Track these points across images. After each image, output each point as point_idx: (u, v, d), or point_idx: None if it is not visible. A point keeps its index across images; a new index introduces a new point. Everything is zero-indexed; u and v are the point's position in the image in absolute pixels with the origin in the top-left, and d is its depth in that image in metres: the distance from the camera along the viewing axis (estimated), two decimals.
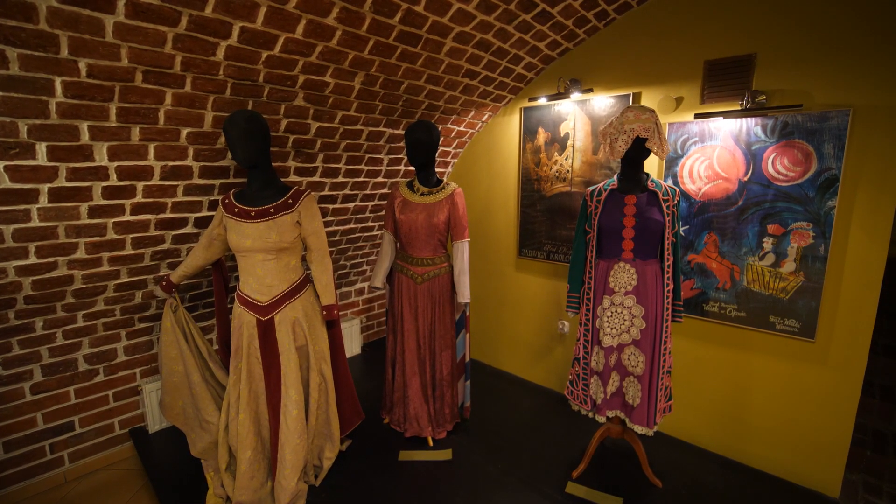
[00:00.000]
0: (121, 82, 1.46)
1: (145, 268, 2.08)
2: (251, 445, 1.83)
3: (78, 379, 2.20)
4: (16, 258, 1.68)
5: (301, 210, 1.83)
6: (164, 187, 1.85)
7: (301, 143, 2.15)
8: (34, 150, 1.48)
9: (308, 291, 1.93)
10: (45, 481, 2.17)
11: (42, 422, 2.13)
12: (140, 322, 2.30)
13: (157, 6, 1.29)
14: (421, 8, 1.70)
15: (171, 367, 1.97)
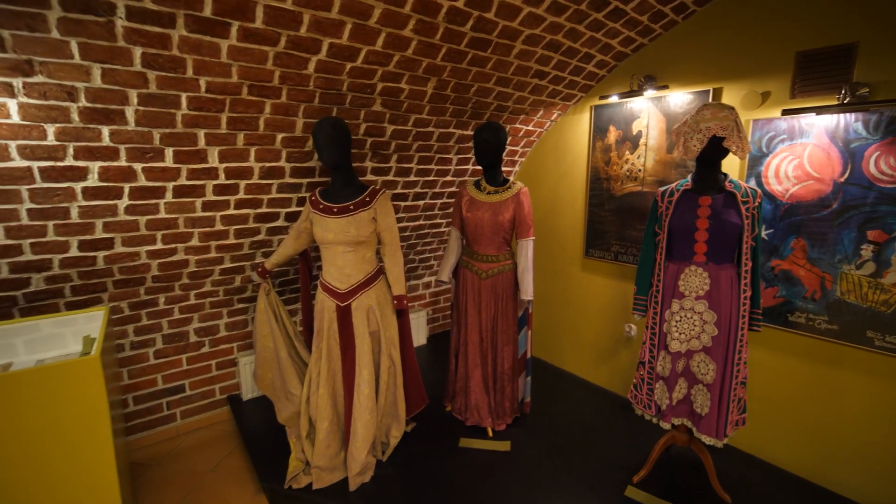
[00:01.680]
0: (231, 95, 1.70)
1: (244, 255, 2.38)
2: (328, 417, 2.04)
3: (189, 349, 2.57)
4: (147, 244, 2.02)
5: (377, 207, 2.00)
6: (261, 185, 2.12)
7: (377, 144, 2.32)
8: (164, 154, 1.77)
9: (381, 282, 2.10)
10: (161, 433, 2.57)
11: (161, 382, 2.52)
12: (238, 303, 2.63)
13: (262, 30, 1.50)
14: (491, 14, 1.77)
15: (264, 344, 2.25)
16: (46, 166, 1.58)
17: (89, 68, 1.40)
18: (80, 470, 1.42)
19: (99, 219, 1.82)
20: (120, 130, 1.61)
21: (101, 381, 1.40)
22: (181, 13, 1.35)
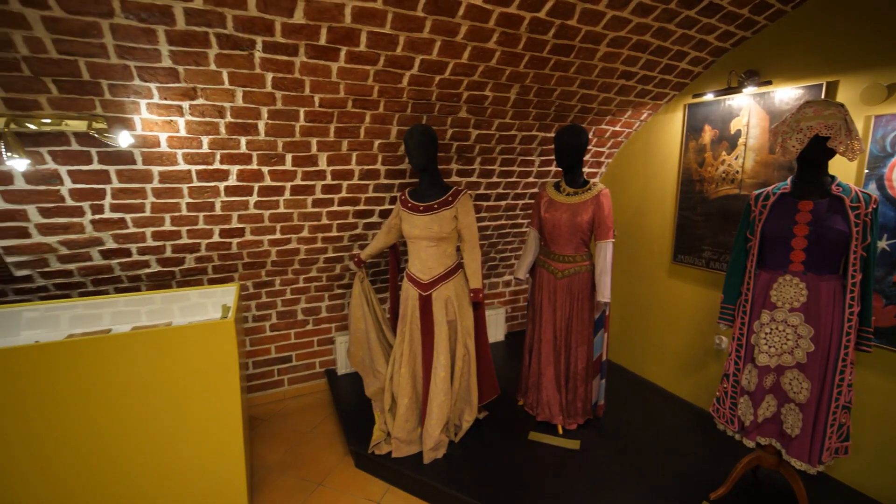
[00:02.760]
0: (338, 109, 1.99)
1: (344, 247, 2.71)
2: (408, 395, 2.27)
3: (296, 325, 2.99)
4: (269, 234, 2.42)
5: (458, 206, 2.17)
6: (360, 185, 2.40)
7: (462, 148, 2.49)
8: (284, 159, 2.12)
9: (459, 275, 2.26)
10: (271, 395, 3.02)
11: (274, 352, 2.97)
12: (337, 288, 2.99)
13: (365, 52, 1.74)
14: (574, 21, 1.83)
15: (357, 325, 2.54)
16: (201, 169, 2.00)
17: (234, 91, 1.76)
18: (213, 412, 1.79)
19: (235, 212, 2.23)
20: (253, 140, 1.97)
21: (234, 341, 1.75)
22: (302, 43, 1.63)
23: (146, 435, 1.69)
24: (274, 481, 2.24)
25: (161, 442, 1.72)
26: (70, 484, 1.61)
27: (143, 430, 1.69)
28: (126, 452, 1.67)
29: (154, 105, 1.70)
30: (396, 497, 2.15)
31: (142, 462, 1.70)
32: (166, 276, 2.40)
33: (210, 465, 1.80)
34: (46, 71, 1.48)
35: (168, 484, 1.76)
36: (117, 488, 1.68)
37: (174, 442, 1.74)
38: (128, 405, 1.65)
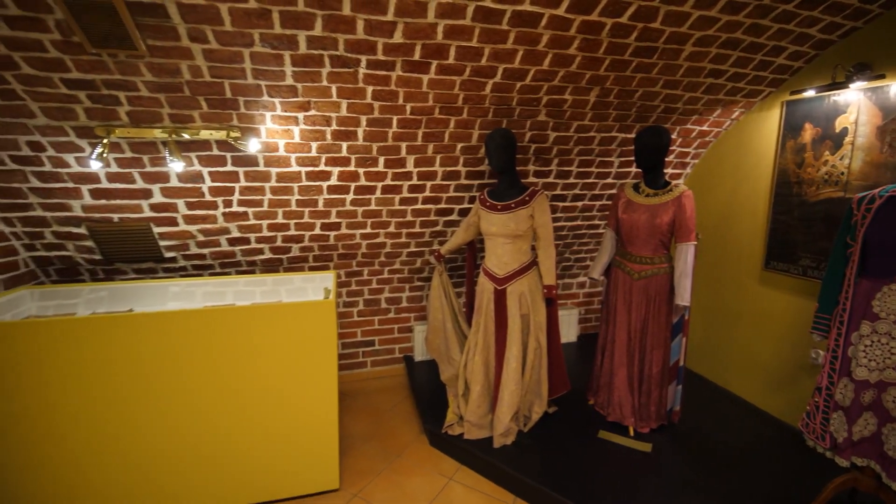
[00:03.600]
0: (426, 116, 2.19)
1: (425, 242, 2.93)
2: (480, 382, 2.41)
3: (380, 313, 3.27)
4: (361, 228, 2.71)
5: (534, 206, 2.27)
6: (442, 185, 2.60)
7: (540, 150, 2.58)
8: (377, 161, 2.37)
9: (533, 272, 2.36)
10: (356, 374, 3.34)
11: (360, 336, 3.28)
12: (417, 281, 3.22)
13: (453, 64, 1.92)
14: (657, 24, 1.85)
15: (435, 315, 2.74)
16: (309, 170, 2.31)
17: (340, 103, 2.03)
18: (314, 380, 2.06)
19: (334, 208, 2.54)
20: (353, 145, 2.24)
21: (334, 319, 2.02)
22: (399, 59, 1.85)
23: (257, 396, 2.01)
24: (359, 448, 2.51)
25: (269, 403, 2.03)
26: (191, 429, 1.97)
27: (255, 392, 2.01)
28: (239, 410, 2.00)
29: (276, 116, 2.02)
30: (466, 475, 2.30)
31: (252, 419, 2.03)
32: (276, 263, 2.79)
33: (309, 425, 2.09)
34: (201, 91, 1.84)
35: (272, 440, 2.07)
36: (229, 439, 2.02)
37: (280, 404, 2.04)
38: (243, 368, 1.97)
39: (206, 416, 1.95)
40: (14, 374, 1.71)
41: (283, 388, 2.02)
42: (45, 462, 1.82)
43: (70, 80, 1.68)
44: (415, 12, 1.64)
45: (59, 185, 2.09)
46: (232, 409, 1.98)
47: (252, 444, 2.03)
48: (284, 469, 2.09)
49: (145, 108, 1.86)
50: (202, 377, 1.92)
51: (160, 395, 1.88)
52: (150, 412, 1.88)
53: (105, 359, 1.79)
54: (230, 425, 1.99)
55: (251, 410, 2.00)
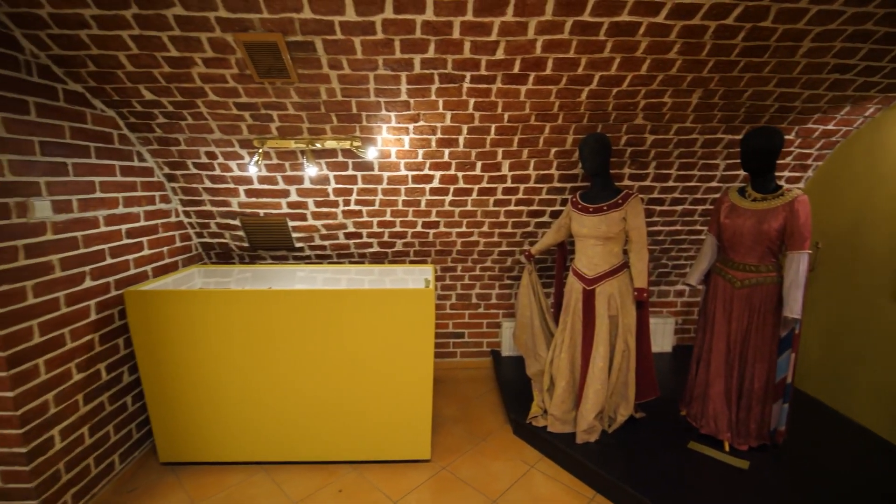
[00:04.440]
0: (522, 123, 2.34)
1: (516, 242, 3.07)
2: (566, 378, 2.49)
3: (470, 307, 3.49)
4: (457, 227, 2.94)
5: (627, 209, 2.30)
6: (535, 188, 2.73)
7: (637, 153, 2.58)
8: (475, 165, 2.58)
9: (624, 274, 2.38)
10: (446, 363, 3.59)
11: (451, 327, 3.53)
12: (507, 279, 3.38)
13: (550, 75, 2.05)
14: (768, 22, 1.80)
15: (523, 312, 2.88)
16: (414, 174, 2.60)
17: (445, 114, 2.27)
18: (412, 361, 2.32)
19: (434, 208, 2.80)
20: (454, 151, 2.48)
21: (432, 306, 2.26)
22: (500, 73, 2.03)
23: (364, 368, 2.32)
24: (448, 428, 2.74)
25: (373, 376, 2.33)
26: (310, 389, 2.34)
27: (362, 364, 2.32)
28: (349, 378, 2.33)
29: (391, 128, 2.33)
30: (548, 466, 2.40)
31: (359, 388, 2.34)
32: (382, 255, 3.14)
33: (407, 400, 2.36)
34: (333, 108, 2.20)
35: (375, 409, 2.36)
36: (340, 403, 2.35)
37: (383, 377, 2.33)
38: (354, 343, 2.29)
39: (322, 380, 2.31)
40: (186, 329, 2.22)
41: (386, 364, 2.31)
42: (202, 398, 2.32)
43: (240, 103, 2.14)
44: (516, 31, 1.81)
45: (223, 186, 2.62)
46: (343, 377, 2.32)
47: (358, 409, 2.36)
48: (384, 435, 2.39)
49: (290, 123, 2.28)
50: (320, 347, 2.28)
51: (288, 358, 2.28)
52: (280, 371, 2.29)
53: (249, 324, 2.23)
54: (341, 391, 2.33)
55: (359, 380, 2.33)
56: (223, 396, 2.31)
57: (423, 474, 2.35)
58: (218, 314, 2.21)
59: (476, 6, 1.69)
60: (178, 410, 2.33)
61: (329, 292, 2.24)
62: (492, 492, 2.22)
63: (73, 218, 1.98)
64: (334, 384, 2.32)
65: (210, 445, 2.38)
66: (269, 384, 2.30)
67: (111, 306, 2.21)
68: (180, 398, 2.31)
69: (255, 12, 1.68)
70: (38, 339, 1.82)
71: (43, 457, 1.84)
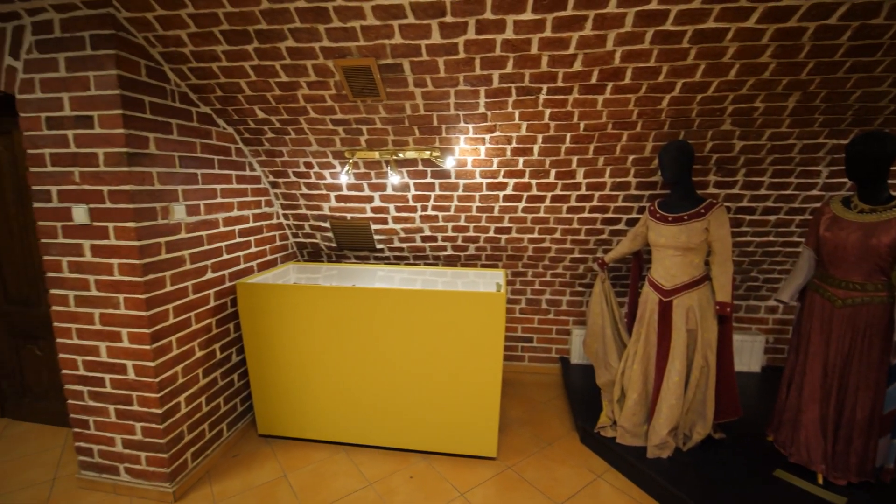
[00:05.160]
0: (598, 131, 2.35)
1: (589, 249, 3.05)
2: (637, 391, 2.45)
3: (540, 312, 3.51)
4: (529, 233, 2.99)
5: (710, 219, 2.21)
6: (610, 196, 2.70)
7: (723, 160, 2.46)
8: (549, 173, 2.62)
9: (705, 287, 2.29)
10: (513, 366, 3.64)
11: (520, 331, 3.58)
12: (579, 286, 3.35)
13: (628, 84, 2.04)
14: (880, 20, 1.65)
15: (594, 320, 2.85)
16: (489, 182, 2.70)
17: (520, 125, 2.35)
18: (483, 361, 2.42)
19: (506, 214, 2.88)
20: (528, 159, 2.55)
21: (503, 311, 2.35)
22: (577, 84, 2.07)
23: (436, 364, 2.47)
24: (514, 430, 2.81)
25: (445, 372, 2.46)
26: (386, 380, 2.53)
27: (435, 360, 2.46)
28: (421, 373, 2.48)
29: (468, 138, 2.46)
30: (616, 478, 2.37)
31: (431, 382, 2.49)
32: (455, 259, 3.28)
33: (475, 398, 2.46)
34: (416, 122, 2.38)
35: (445, 404, 2.50)
36: (413, 395, 2.52)
37: (453, 374, 2.46)
38: (427, 340, 2.44)
39: (397, 372, 2.50)
40: (282, 318, 2.52)
41: (457, 362, 2.44)
42: (294, 380, 2.60)
43: (335, 119, 2.39)
44: (594, 44, 1.84)
45: (317, 192, 2.92)
46: (416, 371, 2.48)
47: (430, 403, 2.51)
48: (453, 430, 2.52)
49: (378, 136, 2.49)
50: (396, 342, 2.46)
51: (367, 349, 2.49)
52: (360, 361, 2.51)
53: (334, 316, 2.47)
54: (414, 384, 2.50)
55: (430, 375, 2.48)
56: (311, 380, 2.59)
57: (489, 471, 2.44)
58: (308, 307, 2.48)
59: (555, 23, 1.75)
60: (275, 389, 2.64)
61: (406, 292, 2.41)
62: (556, 495, 2.25)
63: (201, 220, 2.35)
64: (408, 377, 2.50)
65: (300, 423, 2.67)
66: (351, 372, 2.54)
67: (225, 295, 2.57)
68: (277, 379, 2.62)
69: (353, 41, 1.89)
70: (172, 320, 2.19)
71: (172, 419, 2.21)
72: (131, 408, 2.17)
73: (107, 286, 2.05)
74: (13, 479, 2.38)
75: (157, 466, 2.20)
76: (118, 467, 2.26)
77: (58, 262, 2.09)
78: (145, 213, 2.01)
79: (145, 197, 2.01)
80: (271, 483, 2.35)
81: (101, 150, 1.93)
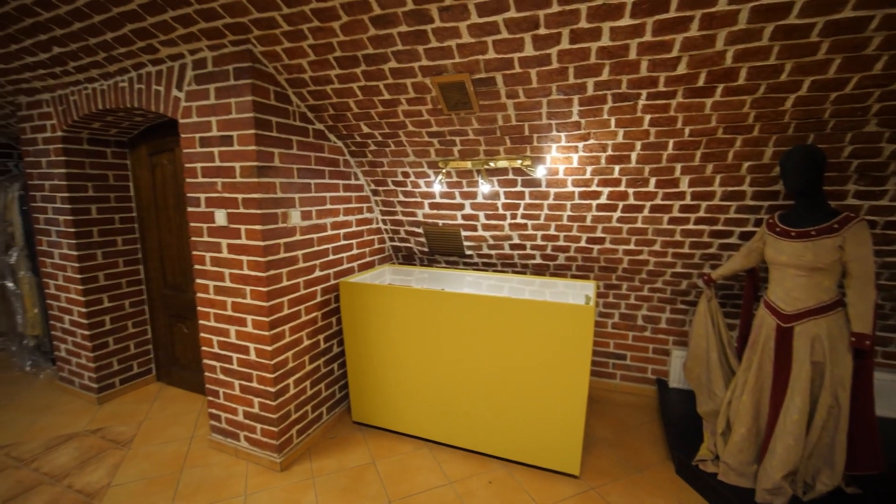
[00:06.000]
0: (707, 136, 2.16)
1: (693, 264, 2.80)
2: (747, 425, 2.19)
3: (635, 329, 3.30)
4: (624, 244, 2.84)
5: (846, 235, 1.90)
6: (721, 206, 2.46)
7: (867, 167, 2.10)
8: (648, 182, 2.47)
9: (838, 314, 1.97)
10: (603, 383, 3.47)
11: (612, 347, 3.40)
12: (681, 303, 3.09)
13: (743, 85, 1.86)
14: None
15: (697, 342, 2.61)
16: (581, 190, 2.63)
17: (617, 132, 2.26)
18: (568, 374, 2.36)
19: (600, 224, 2.78)
20: (625, 167, 2.43)
21: (591, 324, 2.27)
22: (681, 88, 1.94)
23: (520, 372, 2.46)
24: (600, 450, 2.68)
25: (529, 381, 2.45)
26: (471, 382, 2.57)
27: (519, 368, 2.46)
28: (505, 379, 2.49)
29: (560, 147, 2.42)
30: None
31: (514, 389, 2.48)
32: (543, 268, 3.24)
33: (559, 411, 2.41)
34: (507, 132, 2.41)
35: (528, 414, 2.48)
36: (496, 400, 2.53)
37: (537, 384, 2.43)
38: (512, 347, 2.45)
39: (481, 377, 2.54)
40: (378, 316, 2.71)
41: (542, 373, 2.41)
42: (386, 374, 2.79)
43: (431, 132, 2.53)
44: (701, 45, 1.71)
45: (412, 200, 3.10)
46: (500, 377, 2.50)
47: (512, 411, 2.51)
48: (534, 441, 2.49)
49: (469, 147, 2.58)
50: (481, 346, 2.51)
51: (453, 351, 2.58)
52: (446, 362, 2.61)
53: (424, 318, 2.60)
54: (497, 390, 2.52)
55: (514, 383, 2.48)
56: (401, 376, 2.75)
57: (570, 489, 2.36)
58: (401, 307, 2.65)
59: (656, 27, 1.67)
60: (369, 381, 2.86)
61: (492, 298, 2.45)
62: None
63: (312, 224, 2.64)
64: (492, 382, 2.53)
65: (389, 415, 2.86)
66: (437, 372, 2.64)
67: (330, 292, 2.86)
68: (371, 371, 2.84)
69: (449, 58, 2.00)
70: (286, 311, 2.50)
71: (282, 397, 2.52)
72: (251, 384, 2.51)
73: (237, 279, 2.42)
74: (163, 433, 2.90)
75: (268, 438, 2.53)
76: (239, 434, 2.64)
77: (202, 257, 2.51)
78: (269, 217, 2.33)
79: (270, 204, 2.33)
80: (361, 467, 2.55)
81: (238, 164, 2.29)
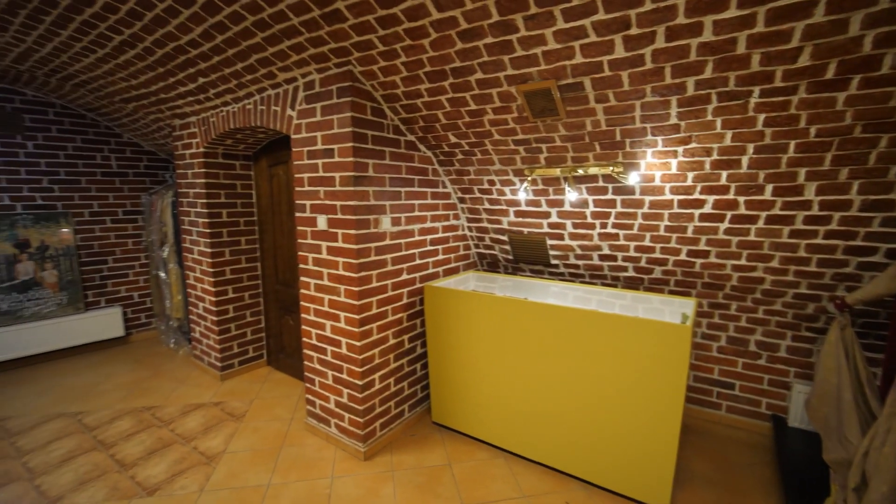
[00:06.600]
0: (840, 137, 1.85)
1: (823, 285, 2.40)
2: (889, 483, 1.81)
3: (746, 356, 2.91)
4: (733, 259, 2.54)
5: None
6: (860, 218, 2.08)
7: None
8: (764, 189, 2.18)
9: None
10: (705, 413, 3.11)
11: (716, 374, 3.04)
12: (806, 330, 2.66)
13: (887, 75, 1.56)
14: None
15: (826, 376, 2.23)
16: (681, 199, 2.42)
17: (724, 134, 2.04)
18: (659, 398, 2.18)
19: (703, 235, 2.51)
20: (734, 173, 2.18)
21: (688, 345, 2.07)
22: (804, 83, 1.69)
23: (605, 391, 2.32)
24: (696, 488, 2.41)
25: (614, 401, 2.30)
26: (551, 394, 2.48)
27: (604, 386, 2.32)
28: (589, 395, 2.36)
29: (657, 152, 2.26)
30: None
31: (598, 408, 2.35)
32: (637, 281, 3.02)
33: (648, 437, 2.22)
34: (596, 138, 2.32)
35: (612, 436, 2.32)
36: (577, 416, 2.41)
37: (624, 406, 2.27)
38: (597, 363, 2.32)
39: (563, 391, 2.45)
40: (460, 320, 2.76)
41: (629, 394, 2.25)
42: (466, 378, 2.82)
43: (517, 139, 2.53)
44: (829, 32, 1.48)
45: (498, 207, 3.12)
46: (583, 394, 2.39)
47: (595, 430, 2.38)
48: (618, 466, 2.33)
49: (556, 153, 2.52)
50: (564, 360, 2.42)
51: (535, 362, 2.52)
52: (527, 372, 2.56)
53: (506, 326, 2.58)
54: (580, 406, 2.41)
55: (598, 402, 2.35)
56: (481, 382, 2.77)
57: None
58: (484, 313, 2.67)
59: (769, 15, 1.49)
60: (449, 383, 2.93)
61: (578, 311, 2.36)
62: None
63: (401, 230, 2.80)
64: (574, 398, 2.43)
65: (468, 420, 2.89)
66: (517, 382, 2.61)
67: (415, 295, 2.99)
68: (451, 374, 2.90)
69: (534, 66, 1.99)
70: (374, 310, 2.67)
71: (368, 391, 2.69)
72: (342, 376, 2.73)
73: (334, 279, 2.65)
74: (269, 412, 3.27)
75: (355, 427, 2.71)
76: (330, 421, 2.87)
77: (306, 257, 2.80)
78: (363, 223, 2.52)
79: (364, 210, 2.52)
80: (438, 468, 2.61)
81: (337, 174, 2.51)
